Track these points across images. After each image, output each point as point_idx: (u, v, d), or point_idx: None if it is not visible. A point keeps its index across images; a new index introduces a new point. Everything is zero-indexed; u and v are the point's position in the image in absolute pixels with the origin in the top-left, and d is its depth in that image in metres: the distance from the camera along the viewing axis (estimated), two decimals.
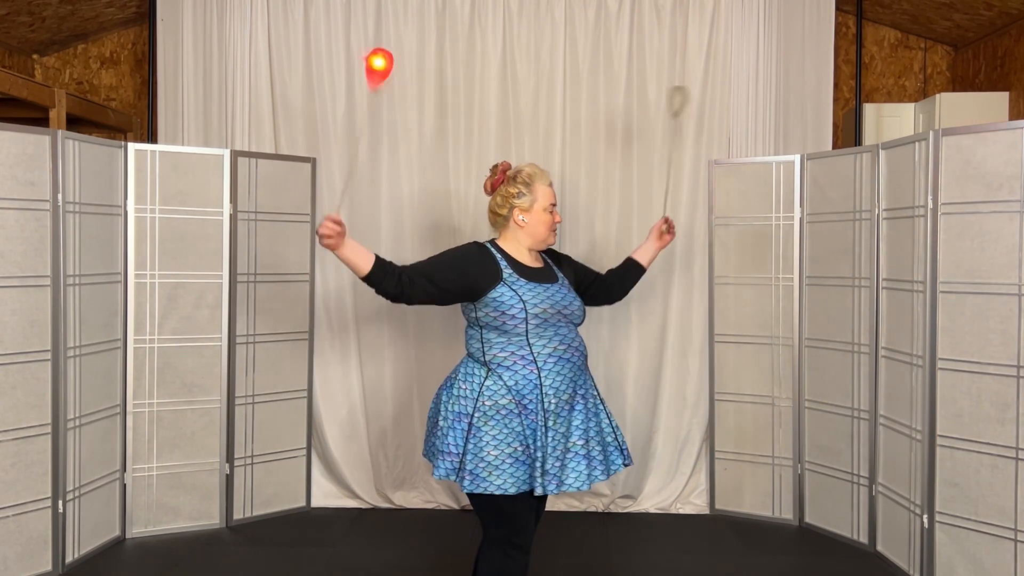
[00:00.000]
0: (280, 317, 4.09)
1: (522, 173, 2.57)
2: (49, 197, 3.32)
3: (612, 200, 4.21)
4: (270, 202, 4.03)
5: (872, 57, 4.88)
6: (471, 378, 2.47)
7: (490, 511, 2.46)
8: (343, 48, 4.26)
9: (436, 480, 4.24)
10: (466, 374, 2.49)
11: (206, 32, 4.29)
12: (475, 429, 2.41)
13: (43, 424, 3.33)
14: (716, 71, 4.24)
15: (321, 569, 3.48)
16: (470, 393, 2.45)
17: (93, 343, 3.55)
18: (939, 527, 3.26)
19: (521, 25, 4.24)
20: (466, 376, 2.49)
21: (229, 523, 3.97)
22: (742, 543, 3.81)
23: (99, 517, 3.63)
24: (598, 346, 4.17)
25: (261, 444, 4.06)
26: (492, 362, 2.45)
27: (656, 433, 4.24)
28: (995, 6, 4.19)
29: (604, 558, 3.61)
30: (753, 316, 4.08)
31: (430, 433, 2.58)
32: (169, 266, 3.79)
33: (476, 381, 2.46)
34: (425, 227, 4.24)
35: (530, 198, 2.56)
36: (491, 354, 2.45)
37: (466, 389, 2.46)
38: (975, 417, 3.14)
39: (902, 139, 3.46)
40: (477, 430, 2.40)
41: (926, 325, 3.28)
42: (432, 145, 4.25)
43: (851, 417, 3.77)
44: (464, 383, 2.48)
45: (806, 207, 3.96)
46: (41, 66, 4.94)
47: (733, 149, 4.24)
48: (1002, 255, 3.05)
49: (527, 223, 2.57)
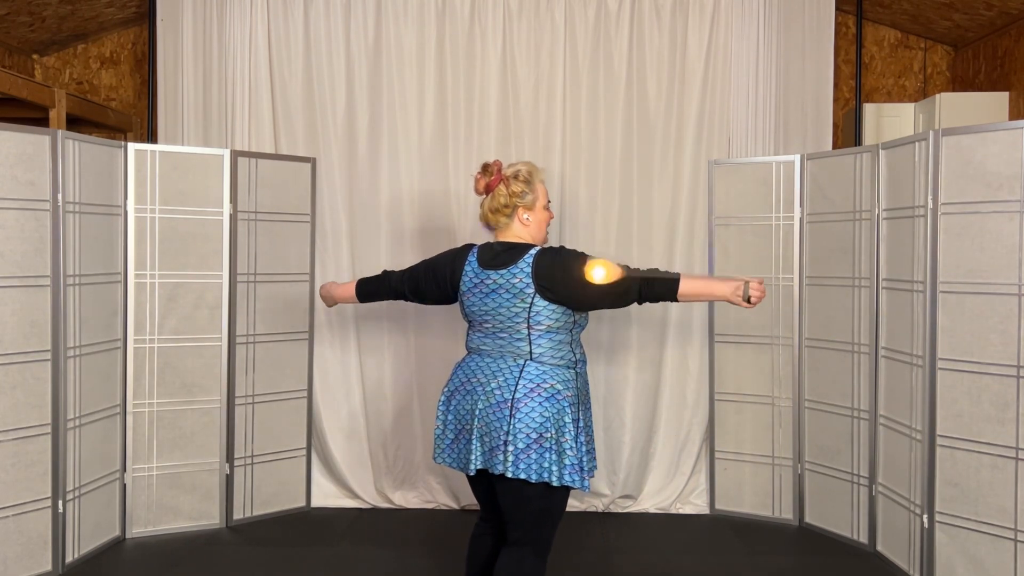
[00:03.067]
0: (280, 317, 4.09)
1: (523, 171, 2.55)
2: (49, 197, 3.32)
3: (612, 200, 4.21)
4: (270, 202, 4.03)
5: (872, 57, 4.87)
6: (567, 381, 2.49)
7: (560, 510, 2.49)
8: (343, 48, 4.26)
9: (436, 480, 4.24)
10: (563, 380, 2.48)
11: (206, 32, 4.29)
12: (573, 425, 2.46)
13: (43, 424, 3.33)
14: (716, 71, 4.24)
15: (321, 569, 3.48)
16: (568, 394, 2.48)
17: (93, 343, 3.55)
18: (939, 527, 3.26)
19: (521, 25, 4.24)
20: (564, 381, 2.47)
21: (229, 523, 3.97)
22: (742, 543, 3.81)
23: (99, 517, 3.63)
24: (598, 346, 4.17)
25: (261, 444, 4.06)
26: (579, 362, 2.56)
27: (656, 433, 4.24)
28: (995, 6, 4.19)
29: (604, 558, 3.61)
30: (753, 316, 4.08)
31: (529, 450, 2.41)
32: (169, 266, 3.79)
33: (570, 381, 2.49)
34: (425, 227, 4.24)
35: (532, 196, 2.55)
36: (579, 353, 2.56)
37: (564, 393, 2.46)
38: (975, 417, 3.14)
39: (902, 139, 3.46)
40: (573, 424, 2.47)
41: (926, 325, 3.28)
42: (432, 145, 4.25)
43: (851, 417, 3.77)
44: (562, 386, 2.46)
45: (806, 207, 3.96)
46: (41, 66, 4.94)
47: (733, 149, 4.24)
48: (1002, 255, 3.05)
49: (531, 222, 2.56)
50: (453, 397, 2.56)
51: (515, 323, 2.45)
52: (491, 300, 2.48)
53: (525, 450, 2.38)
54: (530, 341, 2.46)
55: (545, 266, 2.43)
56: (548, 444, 2.38)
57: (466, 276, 2.54)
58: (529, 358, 2.46)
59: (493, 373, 2.49)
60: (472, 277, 2.52)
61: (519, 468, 2.38)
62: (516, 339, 2.47)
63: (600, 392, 4.19)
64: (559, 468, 2.39)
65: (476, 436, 2.46)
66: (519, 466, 2.38)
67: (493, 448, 2.42)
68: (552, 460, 2.38)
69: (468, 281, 2.53)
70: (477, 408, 2.47)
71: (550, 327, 2.46)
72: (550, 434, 2.39)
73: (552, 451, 2.38)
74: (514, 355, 2.48)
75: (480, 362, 2.53)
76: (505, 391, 2.43)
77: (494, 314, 2.48)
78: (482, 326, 2.53)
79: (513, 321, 2.46)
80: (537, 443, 2.38)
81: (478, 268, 2.52)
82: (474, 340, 2.58)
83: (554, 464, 2.38)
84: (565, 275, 2.41)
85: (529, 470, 2.38)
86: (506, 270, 2.46)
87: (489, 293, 2.48)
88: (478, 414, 2.46)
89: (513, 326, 2.46)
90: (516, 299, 2.44)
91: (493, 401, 2.44)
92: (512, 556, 2.46)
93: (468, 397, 2.51)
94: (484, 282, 2.49)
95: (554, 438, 2.39)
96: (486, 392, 2.47)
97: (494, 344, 2.51)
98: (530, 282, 2.42)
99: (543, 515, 2.46)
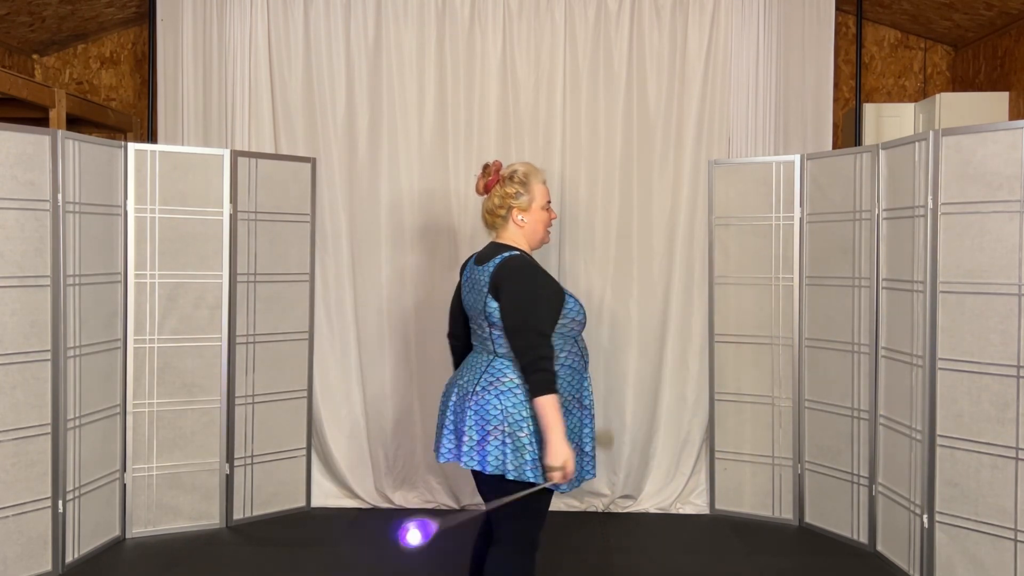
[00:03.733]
0: (280, 317, 4.09)
1: (518, 172, 2.56)
2: (49, 197, 3.32)
3: (612, 200, 4.21)
4: (270, 202, 4.03)
5: (872, 57, 4.87)
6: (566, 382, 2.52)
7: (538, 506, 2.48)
8: (343, 48, 4.26)
9: (436, 480, 4.25)
10: None
11: (206, 32, 4.29)
12: None
13: (43, 424, 3.33)
14: (716, 71, 4.24)
15: (321, 569, 3.48)
16: None
17: (93, 343, 3.55)
18: (939, 527, 3.26)
19: (521, 25, 4.24)
20: None
21: (229, 523, 3.97)
22: (742, 543, 3.81)
23: (99, 517, 3.63)
24: (598, 347, 4.17)
25: (261, 444, 4.06)
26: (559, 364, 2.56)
27: (656, 433, 4.24)
28: (995, 6, 4.19)
29: (604, 558, 3.61)
30: (753, 316, 4.08)
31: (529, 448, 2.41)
32: (169, 266, 3.79)
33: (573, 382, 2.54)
34: (425, 227, 4.24)
35: (528, 197, 2.55)
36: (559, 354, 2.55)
37: None
38: (975, 417, 3.14)
39: (902, 139, 3.46)
40: None
41: (926, 325, 3.28)
42: (432, 145, 4.25)
43: (851, 417, 3.77)
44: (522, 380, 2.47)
45: (806, 207, 3.96)
46: (41, 66, 4.94)
47: (733, 149, 4.24)
48: (1002, 255, 3.05)
49: (526, 223, 2.56)
50: (446, 392, 2.63)
51: (480, 320, 2.51)
52: (470, 296, 2.55)
53: (480, 442, 2.41)
54: (491, 338, 2.49)
55: (501, 273, 2.44)
56: (502, 437, 2.39)
57: (464, 275, 2.64)
58: (495, 354, 2.49)
59: (469, 367, 2.55)
60: (467, 274, 2.61)
61: (473, 459, 2.42)
62: (483, 335, 2.52)
63: (600, 392, 4.19)
64: (517, 462, 2.38)
65: (448, 428, 2.52)
66: (473, 456, 2.42)
67: (459, 441, 2.48)
68: (507, 453, 2.38)
69: (464, 277, 2.63)
70: (451, 401, 2.54)
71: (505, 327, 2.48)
72: (504, 427, 2.39)
73: (507, 445, 2.39)
74: (486, 351, 2.53)
75: (468, 358, 2.61)
76: (470, 384, 2.49)
77: (471, 309, 2.55)
78: (471, 321, 2.60)
79: (478, 318, 2.51)
80: (492, 435, 2.41)
81: (473, 264, 2.60)
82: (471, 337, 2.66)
83: (508, 457, 2.38)
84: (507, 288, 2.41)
85: (484, 462, 2.40)
86: (481, 267, 2.52)
87: (471, 289, 2.55)
88: (451, 407, 2.53)
89: (479, 323, 2.52)
90: (480, 296, 2.49)
91: (462, 394, 2.51)
92: (494, 556, 2.48)
93: (448, 390, 2.59)
94: (471, 278, 2.57)
95: (508, 432, 2.39)
96: (459, 386, 2.54)
97: (476, 340, 2.58)
98: (487, 281, 2.46)
99: (519, 511, 2.43)
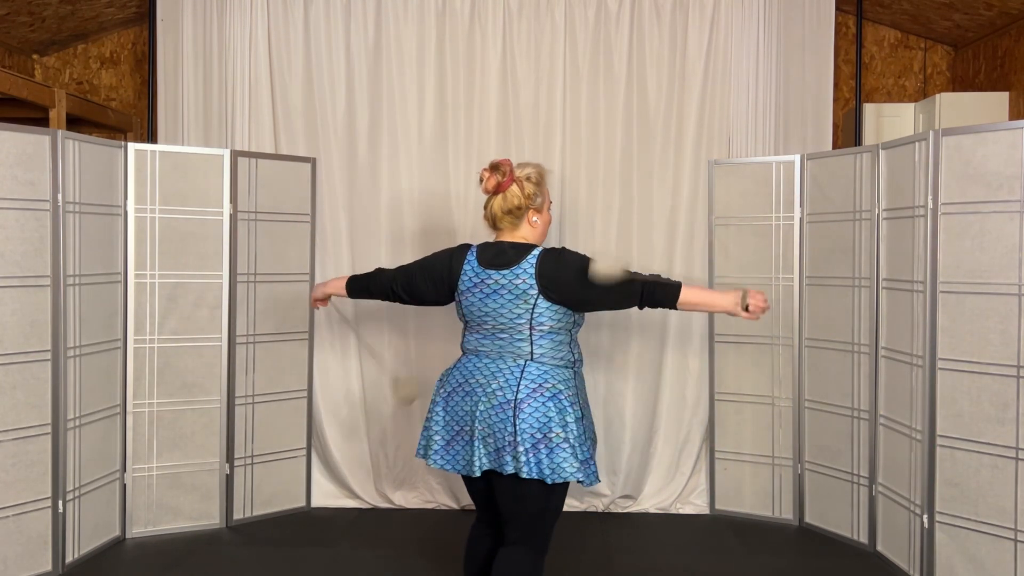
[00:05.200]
0: (280, 317, 4.09)
1: (533, 174, 2.55)
2: (49, 197, 3.32)
3: (612, 200, 4.21)
4: (270, 202, 4.03)
5: (872, 57, 4.88)
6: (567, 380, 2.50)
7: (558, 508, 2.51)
8: (343, 48, 4.26)
9: (436, 480, 4.24)
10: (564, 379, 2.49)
11: (206, 32, 4.29)
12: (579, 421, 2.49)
13: (43, 424, 3.33)
14: (716, 71, 4.23)
15: (321, 569, 3.48)
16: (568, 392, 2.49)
17: (93, 343, 3.55)
18: (939, 527, 3.26)
19: (521, 25, 4.24)
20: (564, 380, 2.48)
21: (229, 523, 3.97)
22: (742, 543, 3.81)
23: (99, 517, 3.63)
24: (598, 347, 4.17)
25: (261, 444, 4.06)
26: (577, 361, 2.57)
27: (656, 433, 4.24)
28: (995, 6, 4.19)
29: (604, 558, 3.61)
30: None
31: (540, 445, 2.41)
32: (169, 266, 3.79)
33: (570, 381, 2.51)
34: (425, 227, 4.24)
35: (542, 199, 2.57)
36: (577, 353, 2.57)
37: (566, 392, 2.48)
38: (975, 417, 3.14)
39: (902, 139, 3.46)
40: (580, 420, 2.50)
41: (926, 325, 3.28)
42: (432, 145, 4.25)
43: (851, 417, 3.77)
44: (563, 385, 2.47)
45: (806, 207, 3.96)
46: (41, 66, 4.94)
47: (733, 149, 4.24)
48: (1002, 255, 3.05)
49: (539, 224, 2.57)
50: (451, 399, 2.54)
51: (517, 324, 2.45)
52: (492, 301, 2.47)
53: (532, 449, 2.39)
54: (531, 342, 2.46)
55: (549, 267, 2.43)
56: (556, 442, 2.39)
57: (465, 275, 2.53)
58: (530, 358, 2.46)
59: (493, 374, 2.48)
60: (472, 276, 2.51)
61: (531, 468, 2.39)
62: (517, 339, 2.47)
63: (600, 392, 4.19)
64: (570, 465, 2.40)
65: (479, 438, 2.45)
66: (531, 465, 2.39)
67: (499, 449, 2.42)
68: (563, 458, 2.39)
69: (467, 281, 2.52)
70: (478, 410, 2.46)
71: (552, 328, 2.46)
72: (555, 433, 2.40)
73: (561, 449, 2.39)
74: (514, 355, 2.48)
75: (478, 363, 2.52)
76: (507, 392, 2.43)
77: (495, 315, 2.47)
78: (481, 327, 2.53)
79: (515, 322, 2.45)
80: (543, 443, 2.39)
81: (478, 267, 2.51)
82: (471, 341, 2.57)
83: (564, 462, 2.39)
84: (568, 276, 2.42)
85: (542, 469, 2.39)
86: (508, 271, 2.45)
87: (490, 294, 2.47)
88: (479, 416, 2.45)
89: (515, 327, 2.46)
90: (519, 300, 2.43)
91: (495, 402, 2.43)
92: (511, 555, 2.46)
93: (467, 399, 2.49)
94: (485, 282, 2.48)
95: (561, 436, 2.40)
96: (487, 393, 2.46)
97: (493, 345, 2.51)
98: (533, 283, 2.42)
99: (542, 513, 2.47)
